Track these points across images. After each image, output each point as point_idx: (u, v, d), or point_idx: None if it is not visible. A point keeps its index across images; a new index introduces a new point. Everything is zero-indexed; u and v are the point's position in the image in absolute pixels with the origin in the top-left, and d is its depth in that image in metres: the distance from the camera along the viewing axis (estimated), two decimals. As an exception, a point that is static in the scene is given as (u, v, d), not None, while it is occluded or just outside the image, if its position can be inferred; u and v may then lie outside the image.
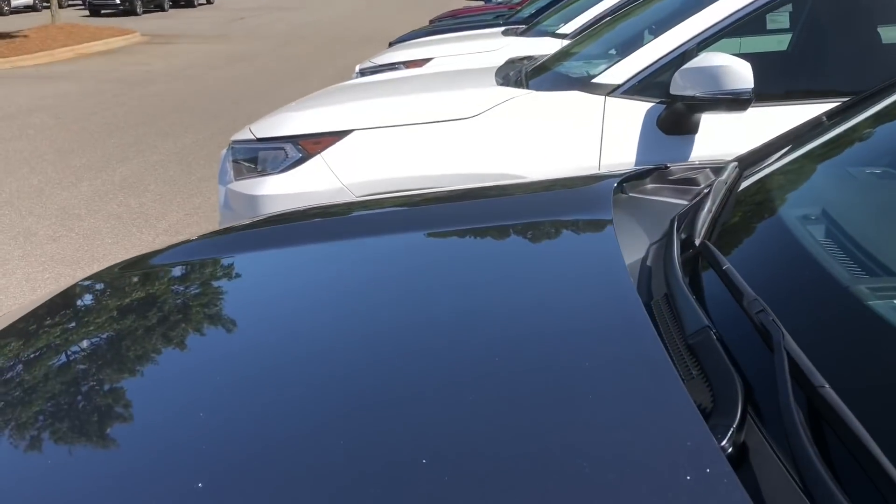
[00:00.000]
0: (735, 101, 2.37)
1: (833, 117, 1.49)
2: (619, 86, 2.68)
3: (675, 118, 2.57)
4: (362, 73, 5.93)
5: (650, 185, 1.53)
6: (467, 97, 2.88)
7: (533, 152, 2.65)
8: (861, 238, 1.06)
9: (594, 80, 2.73)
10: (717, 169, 1.52)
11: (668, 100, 2.56)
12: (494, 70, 3.59)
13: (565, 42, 5.01)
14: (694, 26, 2.65)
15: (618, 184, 1.45)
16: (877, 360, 0.77)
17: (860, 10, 2.94)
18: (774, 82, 2.68)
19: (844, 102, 1.55)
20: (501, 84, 3.13)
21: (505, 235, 1.34)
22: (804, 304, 0.90)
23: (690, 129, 2.57)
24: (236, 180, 2.93)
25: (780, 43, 3.27)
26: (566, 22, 5.56)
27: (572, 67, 3.23)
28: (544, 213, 1.37)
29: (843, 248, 1.03)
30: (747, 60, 2.38)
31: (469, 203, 1.59)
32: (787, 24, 3.24)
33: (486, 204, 1.56)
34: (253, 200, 2.85)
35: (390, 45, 8.24)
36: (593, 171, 2.55)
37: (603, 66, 2.82)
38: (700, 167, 1.58)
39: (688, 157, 2.58)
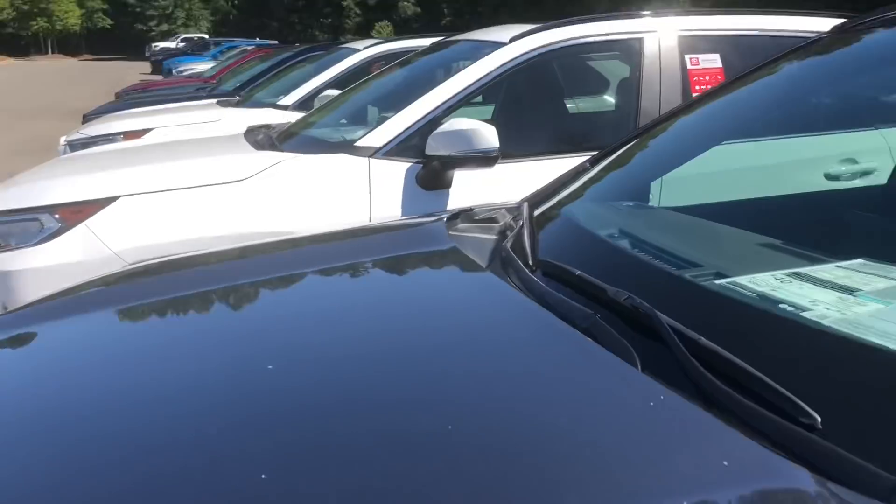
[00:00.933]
0: (484, 159, 2.77)
1: (595, 163, 1.90)
2: (379, 148, 2.97)
3: (432, 175, 2.91)
4: (70, 145, 5.62)
5: (462, 224, 1.80)
6: (236, 161, 2.98)
7: (305, 211, 2.82)
8: (635, 240, 1.43)
9: (357, 144, 2.99)
10: (511, 208, 1.84)
11: (425, 160, 2.90)
12: (240, 136, 3.70)
13: (289, 112, 5.26)
14: (440, 96, 3.04)
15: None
16: (702, 315, 1.09)
17: (553, 87, 3.56)
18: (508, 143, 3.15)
19: (603, 150, 1.97)
20: (257, 149, 3.26)
21: (375, 268, 1.52)
22: (638, 286, 1.21)
23: (446, 184, 2.93)
24: None
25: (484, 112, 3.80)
26: (285, 94, 5.81)
27: (325, 133, 3.47)
28: (396, 249, 1.58)
29: (635, 245, 1.40)
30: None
31: (322, 246, 1.74)
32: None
33: (339, 246, 1.72)
34: (6, 277, 2.65)
35: (85, 117, 7.86)
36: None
37: (361, 132, 3.09)
38: (498, 207, 1.89)
39: (445, 208, 2.93)
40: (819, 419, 0.80)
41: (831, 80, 2.07)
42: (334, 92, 4.97)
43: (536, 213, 1.76)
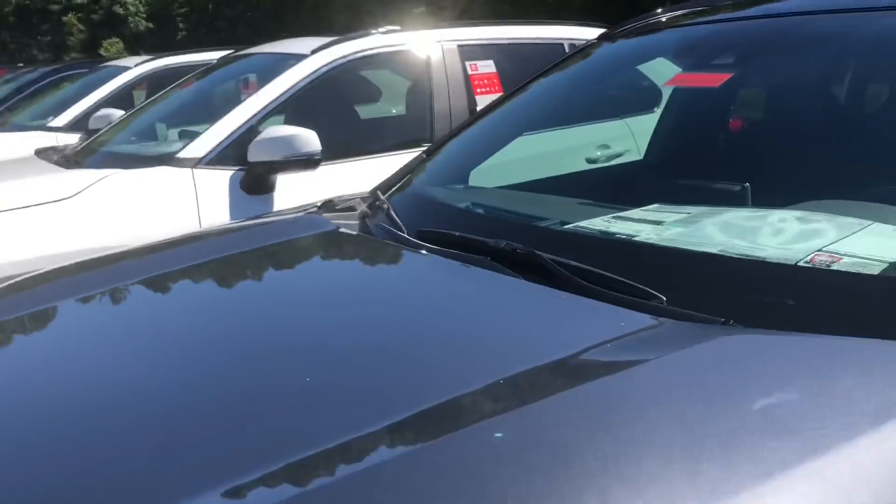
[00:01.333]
0: (308, 162, 3.02)
1: (430, 154, 2.25)
2: (201, 158, 3.10)
3: (256, 181, 3.10)
4: None
5: (332, 212, 2.07)
6: (56, 179, 2.96)
7: (137, 223, 2.89)
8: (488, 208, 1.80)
9: (178, 156, 3.10)
10: (366, 196, 2.14)
11: (248, 166, 3.08)
12: (35, 158, 3.61)
13: (62, 134, 5.09)
14: (254, 106, 3.24)
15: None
16: (564, 248, 1.47)
17: (355, 94, 3.88)
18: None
19: (433, 144, 2.32)
20: (67, 168, 3.24)
21: (282, 252, 1.74)
22: (508, 237, 1.57)
23: (269, 188, 3.13)
24: None
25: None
26: (53, 115, 5.56)
27: (136, 148, 3.51)
28: (286, 236, 1.81)
29: (489, 212, 1.77)
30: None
31: (204, 242, 1.91)
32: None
33: (220, 241, 1.90)
34: None
35: None
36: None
37: (178, 144, 3.20)
38: (353, 196, 2.18)
39: (272, 210, 3.14)
40: (665, 298, 1.21)
41: (596, 80, 2.58)
42: (111, 111, 4.90)
43: (392, 196, 2.08)
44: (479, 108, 3.62)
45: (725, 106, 2.11)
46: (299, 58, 3.42)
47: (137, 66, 5.74)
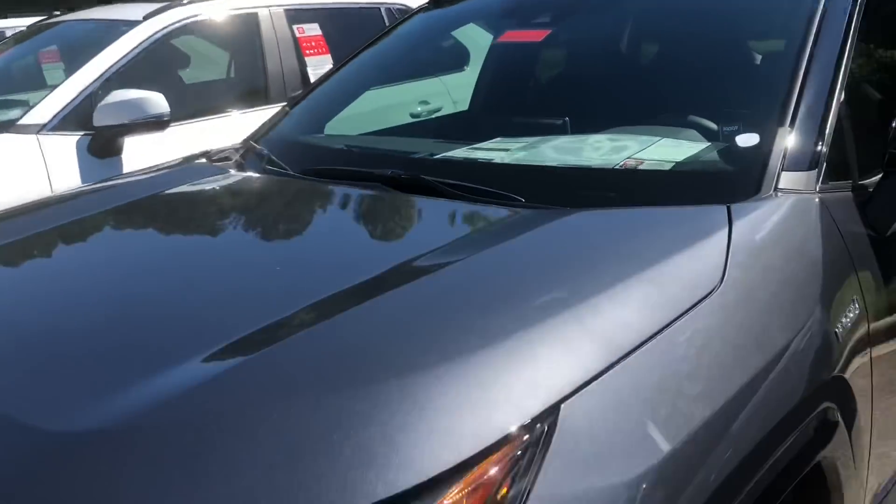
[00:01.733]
0: (157, 123, 3.16)
1: (292, 106, 2.52)
2: (45, 124, 3.14)
3: (103, 144, 3.20)
4: None
5: (212, 161, 2.29)
6: None
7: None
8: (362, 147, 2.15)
9: (20, 123, 3.12)
10: (239, 146, 2.38)
11: (94, 130, 3.17)
12: None
13: None
14: (93, 71, 3.29)
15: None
16: (438, 172, 1.85)
17: (192, 57, 3.98)
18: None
19: (293, 97, 2.60)
20: None
21: (188, 198, 1.97)
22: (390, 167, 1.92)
23: (117, 151, 3.24)
24: None
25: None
26: None
27: None
28: (181, 183, 2.04)
29: (365, 150, 2.11)
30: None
31: (112, 191, 2.08)
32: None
33: (126, 188, 2.09)
34: None
35: None
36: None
37: (17, 111, 3.20)
38: (226, 148, 2.41)
39: (121, 172, 3.24)
40: (523, 199, 1.62)
41: (419, 43, 2.94)
42: None
43: (265, 143, 2.35)
44: (309, 69, 3.90)
45: (537, 59, 2.57)
46: (132, 24, 3.50)
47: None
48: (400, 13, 4.50)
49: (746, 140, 1.57)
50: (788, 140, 1.50)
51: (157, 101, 3.15)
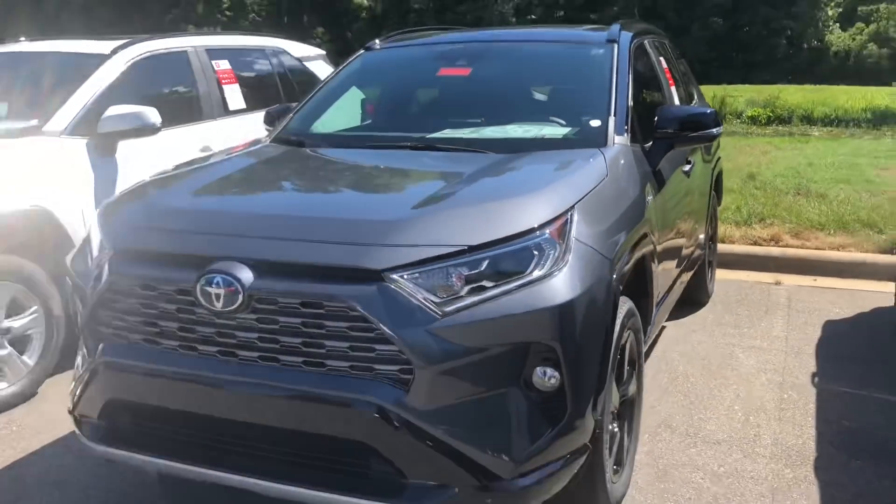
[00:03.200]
0: (152, 129, 4.25)
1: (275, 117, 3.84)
2: (63, 129, 4.10)
3: (105, 145, 4.21)
4: None
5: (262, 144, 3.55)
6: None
7: (40, 180, 3.85)
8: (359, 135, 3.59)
9: (45, 129, 4.04)
10: (256, 141, 3.67)
11: (99, 135, 4.17)
12: None
13: None
14: (89, 92, 4.28)
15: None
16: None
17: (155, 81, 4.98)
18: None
19: (281, 107, 3.93)
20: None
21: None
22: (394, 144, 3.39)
23: (113, 152, 4.26)
24: None
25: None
26: None
27: None
28: (273, 153, 3.34)
29: (364, 137, 3.55)
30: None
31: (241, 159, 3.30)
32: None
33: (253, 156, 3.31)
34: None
35: None
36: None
37: (34, 121, 4.10)
38: (253, 142, 3.67)
39: (117, 170, 4.26)
40: (491, 151, 3.19)
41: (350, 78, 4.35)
42: None
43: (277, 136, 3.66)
44: (225, 95, 5.13)
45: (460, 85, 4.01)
46: (102, 57, 4.52)
47: None
48: (275, 54, 5.86)
49: (597, 123, 3.28)
50: (615, 122, 3.24)
51: (150, 114, 4.23)
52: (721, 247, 5.98)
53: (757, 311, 5.10)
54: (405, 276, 2.22)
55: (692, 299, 5.02)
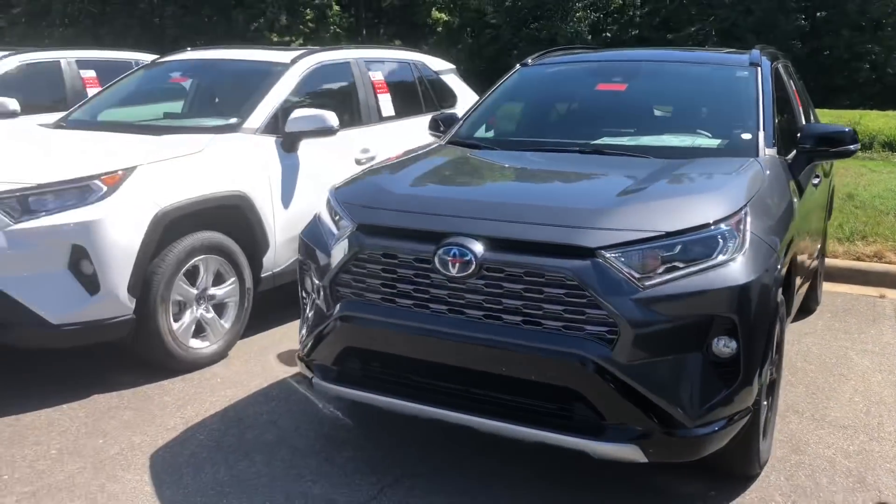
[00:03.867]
0: (330, 130, 4.84)
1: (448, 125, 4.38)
2: (257, 128, 4.72)
3: (290, 143, 4.82)
4: None
5: (441, 145, 4.09)
6: (176, 140, 4.36)
7: (233, 166, 4.46)
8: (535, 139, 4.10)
9: (244, 127, 4.67)
10: (436, 141, 4.21)
11: (285, 134, 4.78)
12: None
13: None
14: (277, 97, 4.91)
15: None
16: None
17: (328, 87, 5.62)
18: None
19: (449, 115, 4.47)
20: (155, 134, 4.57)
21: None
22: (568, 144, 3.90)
23: (296, 149, 4.87)
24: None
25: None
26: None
27: (194, 122, 4.94)
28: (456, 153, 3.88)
29: (538, 140, 4.06)
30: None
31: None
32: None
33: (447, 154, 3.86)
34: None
35: None
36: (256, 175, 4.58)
37: (233, 119, 4.73)
38: (431, 143, 4.21)
39: (298, 165, 4.86)
40: (651, 156, 3.66)
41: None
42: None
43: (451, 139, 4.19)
44: (380, 103, 5.72)
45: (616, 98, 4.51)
46: (285, 65, 5.15)
47: (4, 60, 6.44)
48: (417, 66, 6.44)
49: (748, 136, 3.73)
50: (764, 136, 3.68)
51: (329, 117, 4.82)
52: (826, 261, 6.31)
53: (864, 320, 5.43)
54: (614, 254, 2.71)
55: (802, 307, 5.37)
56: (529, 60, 4.81)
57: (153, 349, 4.12)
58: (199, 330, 4.36)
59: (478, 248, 2.82)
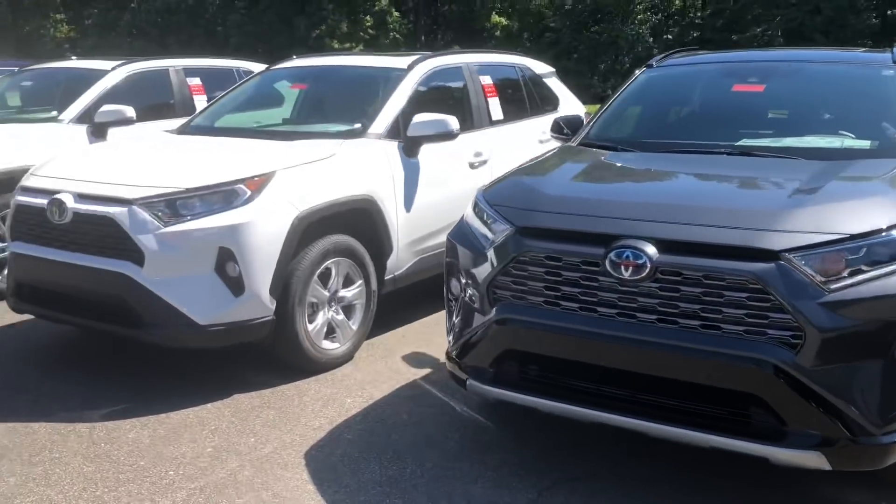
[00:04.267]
0: (451, 135, 4.85)
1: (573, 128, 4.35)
2: (381, 134, 4.77)
3: (411, 147, 4.85)
4: None
5: (570, 147, 4.06)
6: (308, 145, 4.44)
7: (363, 169, 4.51)
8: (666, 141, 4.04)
9: (369, 132, 4.72)
10: (567, 144, 4.19)
11: (407, 139, 4.82)
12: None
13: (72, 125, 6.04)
14: (398, 103, 4.95)
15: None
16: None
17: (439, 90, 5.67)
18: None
19: (573, 119, 4.45)
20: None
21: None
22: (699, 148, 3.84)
23: (417, 153, 4.90)
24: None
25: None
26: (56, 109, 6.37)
27: (320, 128, 5.02)
28: (597, 156, 3.86)
29: (672, 143, 4.00)
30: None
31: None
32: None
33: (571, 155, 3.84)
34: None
35: None
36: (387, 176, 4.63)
37: (357, 125, 4.79)
38: (560, 145, 4.19)
39: (419, 169, 4.89)
40: (799, 157, 3.58)
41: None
42: (118, 107, 6.02)
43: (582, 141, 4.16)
44: (490, 106, 5.72)
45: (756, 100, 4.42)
46: (402, 70, 5.19)
47: (115, 70, 6.65)
48: (522, 70, 6.44)
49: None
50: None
51: (451, 122, 4.83)
52: None
53: None
54: (798, 257, 2.66)
55: None
56: (654, 62, 4.76)
57: (291, 350, 4.19)
58: (330, 331, 4.41)
59: (651, 250, 2.79)
